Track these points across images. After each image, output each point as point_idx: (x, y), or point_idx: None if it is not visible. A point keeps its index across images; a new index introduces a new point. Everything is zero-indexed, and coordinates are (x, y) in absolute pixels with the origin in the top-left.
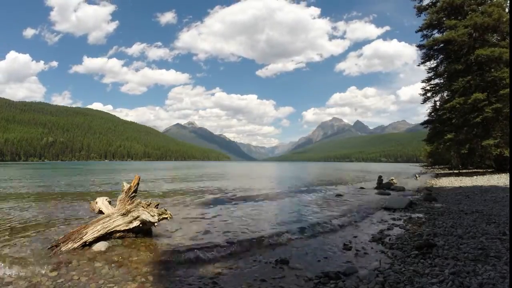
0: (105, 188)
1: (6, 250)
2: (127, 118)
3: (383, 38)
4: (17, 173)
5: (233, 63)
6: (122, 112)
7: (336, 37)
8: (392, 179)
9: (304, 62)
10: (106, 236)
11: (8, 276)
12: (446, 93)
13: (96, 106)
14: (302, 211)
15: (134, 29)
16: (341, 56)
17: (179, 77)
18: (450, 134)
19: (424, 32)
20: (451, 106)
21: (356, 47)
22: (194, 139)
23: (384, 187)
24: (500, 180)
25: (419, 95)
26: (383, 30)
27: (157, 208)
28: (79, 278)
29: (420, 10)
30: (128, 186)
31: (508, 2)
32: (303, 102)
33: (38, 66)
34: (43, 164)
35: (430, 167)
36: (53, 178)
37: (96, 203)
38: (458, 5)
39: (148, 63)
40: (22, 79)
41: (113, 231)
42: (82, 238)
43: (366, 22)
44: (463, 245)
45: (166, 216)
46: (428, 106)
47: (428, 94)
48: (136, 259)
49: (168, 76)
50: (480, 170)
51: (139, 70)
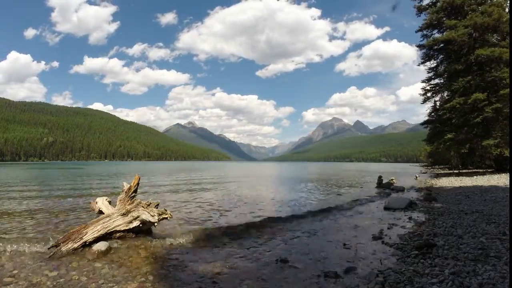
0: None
1: (7, 250)
2: (128, 118)
3: (383, 38)
4: (17, 173)
5: (233, 64)
6: (123, 112)
7: (336, 37)
8: (392, 179)
9: (304, 63)
10: (106, 236)
11: (8, 276)
12: (446, 93)
13: (97, 106)
14: (302, 211)
15: (135, 29)
16: (341, 56)
17: (179, 77)
18: (450, 134)
19: (424, 32)
20: (451, 106)
21: (356, 47)
22: (194, 139)
23: (384, 187)
24: (500, 180)
25: (419, 95)
26: (383, 30)
27: (157, 208)
28: (79, 278)
29: (420, 10)
30: (128, 186)
31: (508, 2)
32: (303, 102)
33: (39, 67)
34: (43, 164)
35: (430, 167)
36: (53, 178)
37: (96, 203)
38: (458, 5)
39: (149, 64)
40: (23, 79)
41: (113, 231)
42: (82, 238)
43: (366, 23)
44: (463, 245)
45: (166, 216)
46: (428, 106)
47: (428, 94)
48: (136, 259)
49: (169, 76)
50: (480, 170)
51: (139, 70)
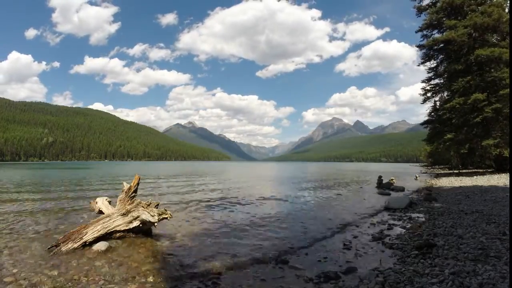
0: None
1: (7, 250)
2: (128, 118)
3: (382, 39)
4: (17, 173)
5: (233, 64)
6: (123, 112)
7: (336, 38)
8: (392, 179)
9: (304, 63)
10: (106, 236)
11: (9, 275)
12: (446, 93)
13: (97, 106)
14: (302, 211)
15: (135, 30)
16: (340, 57)
17: (180, 77)
18: (450, 134)
19: (424, 32)
20: (451, 106)
21: (356, 48)
22: (194, 139)
23: (384, 187)
24: (500, 180)
25: (418, 95)
26: (382, 31)
27: (157, 208)
28: (79, 278)
29: (420, 10)
30: (128, 186)
31: (508, 2)
32: (303, 103)
33: (39, 67)
34: (43, 164)
35: (430, 167)
36: (53, 178)
37: (96, 203)
38: (458, 5)
39: (150, 64)
40: (24, 80)
41: (113, 231)
42: (82, 238)
43: (366, 23)
44: (463, 245)
45: (166, 216)
46: (428, 106)
47: (428, 94)
48: (136, 259)
49: (169, 76)
50: (480, 170)
51: (140, 71)
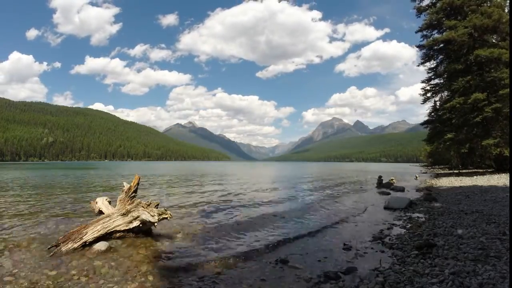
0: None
1: (6, 250)
2: (128, 118)
3: (382, 39)
4: (17, 173)
5: (234, 65)
6: (124, 112)
7: (336, 39)
8: (392, 179)
9: (305, 64)
10: (106, 236)
11: (8, 275)
12: (446, 93)
13: (98, 106)
14: (302, 211)
15: (136, 31)
16: (340, 57)
17: (181, 78)
18: (450, 134)
19: (424, 32)
20: (451, 106)
21: (356, 48)
22: (194, 139)
23: (384, 187)
24: (500, 180)
25: (418, 95)
26: (382, 32)
27: (157, 208)
28: (79, 278)
29: (420, 11)
30: (128, 186)
31: (508, 2)
32: (303, 103)
33: (40, 67)
34: (43, 164)
35: (430, 167)
36: (53, 178)
37: (96, 203)
38: (458, 5)
39: (151, 64)
40: (24, 80)
41: (113, 231)
42: (82, 238)
43: (366, 24)
44: (463, 245)
45: (166, 216)
46: (428, 106)
47: (428, 94)
48: (136, 259)
49: (170, 77)
50: (480, 170)
51: (141, 71)
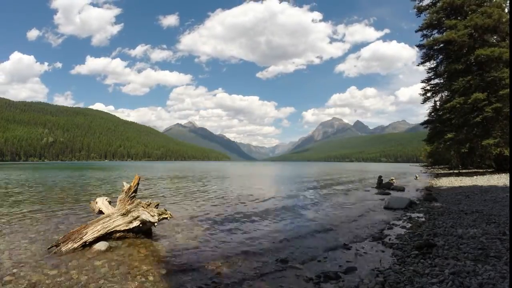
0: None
1: (7, 250)
2: (129, 119)
3: (382, 39)
4: (17, 174)
5: (234, 65)
6: (124, 112)
7: (336, 40)
8: (392, 179)
9: (305, 64)
10: (106, 236)
11: (8, 274)
12: (446, 93)
13: (98, 106)
14: (302, 211)
15: (137, 31)
16: (340, 58)
17: (181, 78)
18: (450, 134)
19: (424, 32)
20: (451, 106)
21: (356, 49)
22: (195, 139)
23: (384, 187)
24: (500, 180)
25: (418, 95)
26: (382, 33)
27: (157, 208)
28: (78, 277)
29: (420, 10)
30: (128, 186)
31: (508, 2)
32: (303, 103)
33: (42, 68)
34: (43, 164)
35: (430, 167)
36: (53, 178)
37: (96, 203)
38: (458, 5)
39: (151, 65)
40: (25, 80)
41: (113, 231)
42: (82, 238)
43: (366, 25)
44: (463, 245)
45: (166, 216)
46: (428, 106)
47: (428, 94)
48: (136, 259)
49: (171, 77)
50: (480, 170)
51: (141, 71)
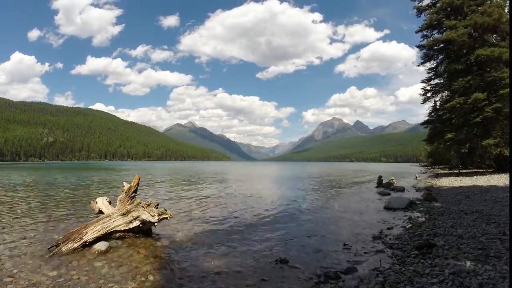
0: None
1: (6, 250)
2: (129, 119)
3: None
4: (17, 174)
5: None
6: (124, 112)
7: (337, 40)
8: (392, 179)
9: (305, 65)
10: (106, 236)
11: (8, 275)
12: (446, 93)
13: (98, 106)
14: (302, 211)
15: (138, 32)
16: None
17: (182, 78)
18: (450, 134)
19: (424, 32)
20: (451, 106)
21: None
22: (195, 138)
23: (384, 187)
24: (500, 180)
25: (418, 95)
26: (382, 33)
27: (157, 208)
28: (79, 278)
29: (420, 11)
30: (128, 186)
31: (508, 2)
32: (303, 103)
33: (42, 68)
34: (43, 164)
35: (430, 167)
36: (53, 178)
37: (96, 203)
38: (458, 5)
39: (152, 65)
40: (26, 80)
41: (113, 231)
42: (82, 238)
43: (366, 26)
44: (463, 245)
45: (166, 216)
46: (428, 106)
47: (428, 94)
48: (136, 259)
49: (171, 77)
50: (480, 170)
51: (142, 72)
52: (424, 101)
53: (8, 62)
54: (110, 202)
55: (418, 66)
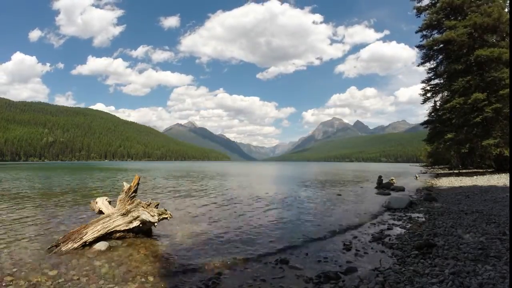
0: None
1: (6, 250)
2: (129, 119)
3: (382, 40)
4: (17, 174)
5: (235, 66)
6: (125, 112)
7: (336, 41)
8: (392, 179)
9: (305, 65)
10: (106, 236)
11: (8, 276)
12: (446, 93)
13: (99, 106)
14: (302, 211)
15: (139, 33)
16: (340, 59)
17: (183, 78)
18: (450, 134)
19: (424, 32)
20: (451, 106)
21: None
22: (195, 138)
23: (384, 187)
24: (500, 180)
25: (418, 95)
26: (382, 34)
27: (157, 208)
28: (79, 278)
29: (419, 11)
30: (128, 186)
31: (508, 2)
32: (304, 103)
33: (43, 68)
34: (43, 164)
35: (430, 167)
36: (53, 178)
37: (96, 203)
38: (458, 5)
39: (153, 65)
40: (27, 80)
41: (113, 231)
42: (82, 238)
43: (366, 26)
44: (463, 245)
45: (166, 216)
46: (428, 106)
47: (428, 94)
48: (136, 259)
49: (172, 78)
50: (480, 170)
51: (143, 72)
52: (424, 101)
53: (9, 62)
54: (110, 202)
55: (418, 66)
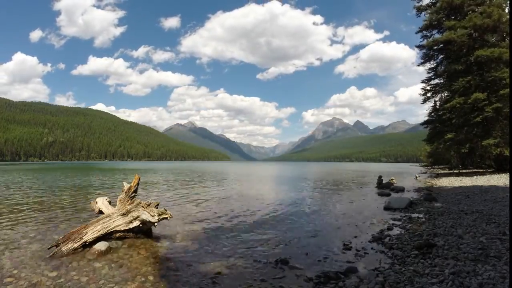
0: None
1: (7, 250)
2: (130, 119)
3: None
4: (17, 174)
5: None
6: (125, 112)
7: (336, 42)
8: (392, 179)
9: (305, 66)
10: (106, 236)
11: (8, 275)
12: (446, 93)
13: (99, 107)
14: (302, 211)
15: (140, 33)
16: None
17: (183, 79)
18: (450, 134)
19: (424, 32)
20: (451, 106)
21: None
22: (195, 138)
23: (384, 187)
24: (500, 180)
25: (418, 95)
26: (382, 35)
27: (157, 208)
28: (79, 278)
29: (419, 10)
30: (128, 186)
31: (508, 2)
32: (304, 104)
33: (44, 68)
34: (43, 164)
35: (430, 167)
36: (53, 178)
37: (96, 203)
38: (458, 5)
39: (154, 66)
40: (27, 80)
41: (113, 231)
42: (82, 238)
43: (366, 27)
44: (463, 245)
45: (166, 216)
46: (428, 106)
47: (428, 94)
48: (136, 259)
49: (173, 78)
50: (480, 170)
51: (143, 72)
52: (424, 101)
53: (10, 62)
54: (110, 202)
55: (418, 66)
